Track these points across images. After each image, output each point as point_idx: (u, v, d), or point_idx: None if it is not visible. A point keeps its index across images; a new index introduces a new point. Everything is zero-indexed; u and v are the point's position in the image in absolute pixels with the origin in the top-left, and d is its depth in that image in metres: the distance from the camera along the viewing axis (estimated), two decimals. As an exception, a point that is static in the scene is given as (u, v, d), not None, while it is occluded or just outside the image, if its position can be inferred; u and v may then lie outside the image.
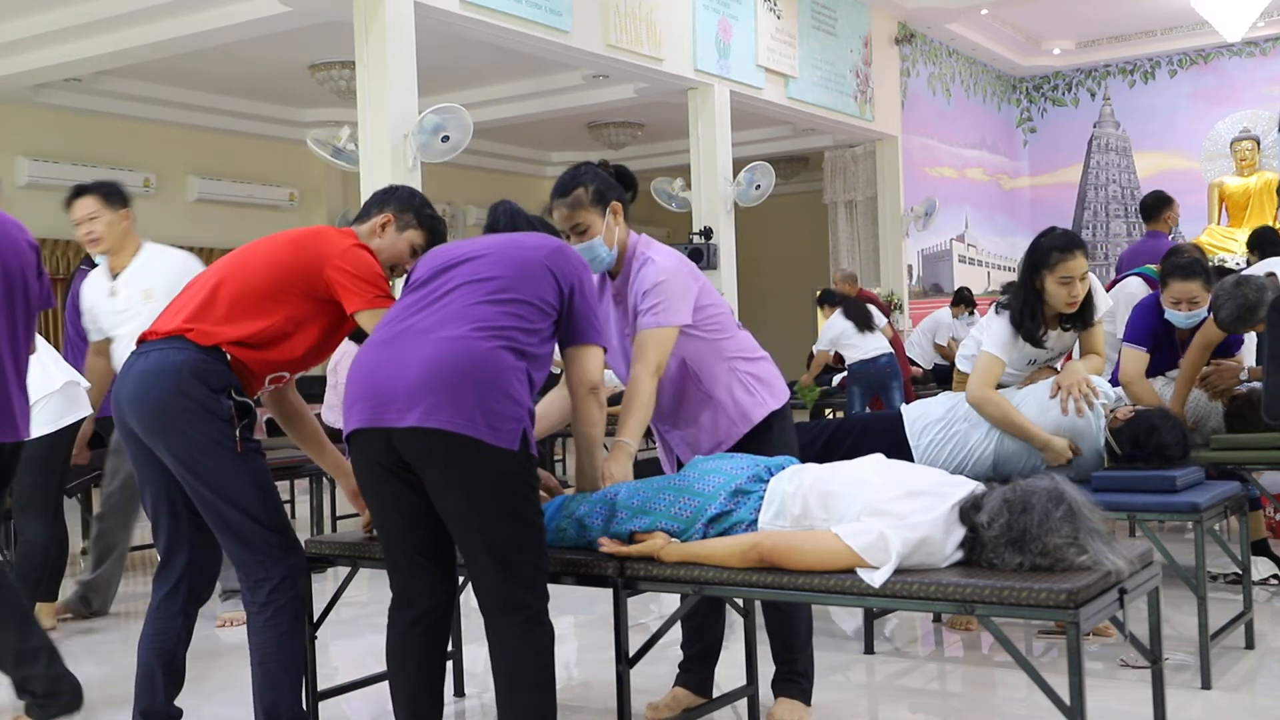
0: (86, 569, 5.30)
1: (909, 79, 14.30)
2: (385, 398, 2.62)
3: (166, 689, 3.10)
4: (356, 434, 2.69)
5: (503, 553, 2.64)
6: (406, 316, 2.74)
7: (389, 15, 7.60)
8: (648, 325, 3.15)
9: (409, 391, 2.59)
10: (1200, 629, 3.67)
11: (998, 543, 2.58)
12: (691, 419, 3.35)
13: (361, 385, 2.68)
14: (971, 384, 4.04)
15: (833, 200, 14.85)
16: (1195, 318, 4.69)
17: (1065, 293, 4.02)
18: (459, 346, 2.61)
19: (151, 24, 8.69)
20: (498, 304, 2.69)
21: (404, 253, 3.18)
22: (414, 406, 2.57)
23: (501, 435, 2.58)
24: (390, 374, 2.63)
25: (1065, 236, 4.07)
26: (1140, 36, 15.82)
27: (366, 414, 2.65)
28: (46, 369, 4.73)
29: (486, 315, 2.67)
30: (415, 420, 2.57)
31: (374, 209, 3.21)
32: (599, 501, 2.95)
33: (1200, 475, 3.99)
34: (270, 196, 12.91)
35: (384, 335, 2.74)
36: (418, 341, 2.65)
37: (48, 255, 11.03)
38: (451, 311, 2.68)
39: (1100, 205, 16.62)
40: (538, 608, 2.69)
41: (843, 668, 4.09)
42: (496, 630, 2.69)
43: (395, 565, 2.81)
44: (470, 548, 2.67)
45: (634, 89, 11.07)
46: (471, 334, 2.63)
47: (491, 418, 2.57)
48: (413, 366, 2.61)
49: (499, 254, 2.81)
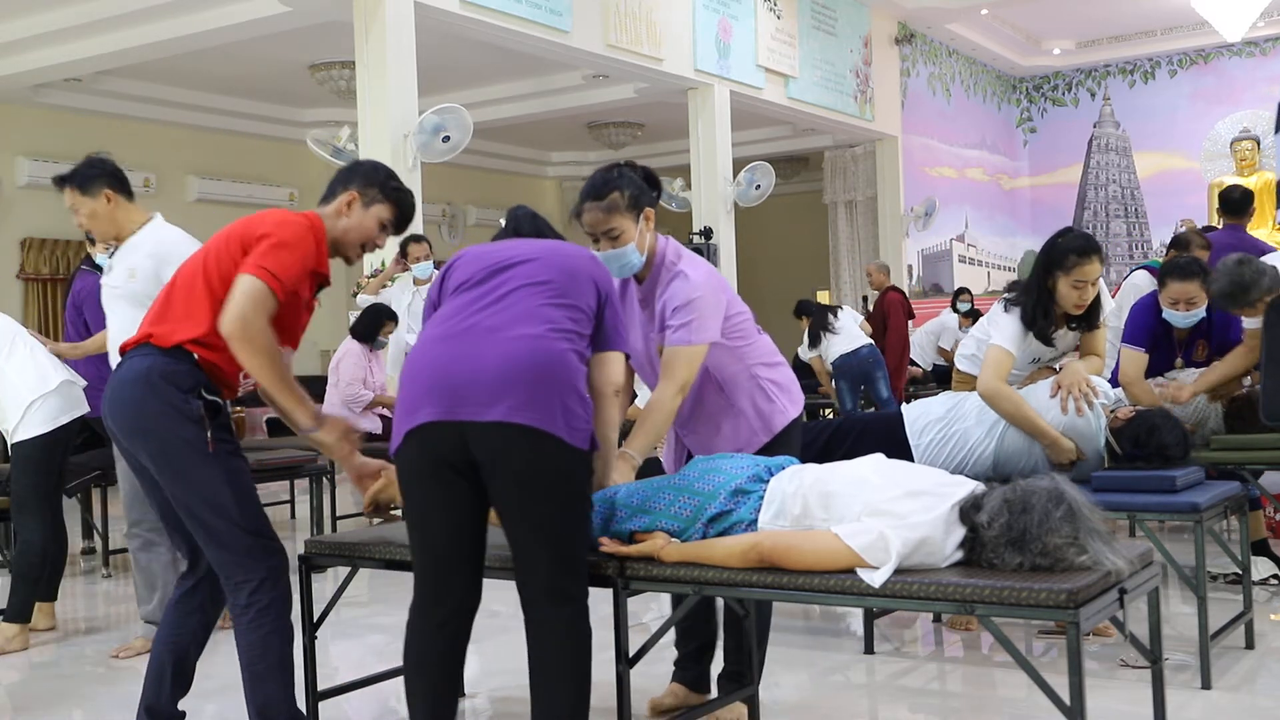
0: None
1: (909, 79, 14.31)
2: (463, 392, 2.60)
3: (173, 689, 3.10)
4: (425, 428, 2.64)
5: (562, 547, 2.68)
6: (469, 315, 2.72)
7: (389, 15, 7.60)
8: (679, 342, 3.11)
9: (491, 386, 2.58)
10: (1200, 629, 3.66)
11: (998, 543, 2.58)
12: (713, 427, 3.34)
13: (432, 380, 2.65)
14: (984, 377, 4.00)
15: (833, 200, 14.86)
16: (1193, 317, 4.69)
17: (1076, 295, 4.00)
18: (537, 345, 2.63)
19: (151, 24, 8.70)
20: (560, 308, 2.72)
21: (372, 229, 3.10)
22: (498, 401, 2.57)
23: (577, 434, 2.64)
24: (466, 369, 2.62)
25: (1084, 240, 4.03)
26: (1140, 36, 15.83)
27: (442, 408, 2.61)
28: (43, 369, 4.73)
29: (554, 318, 2.70)
30: (501, 415, 2.57)
31: (338, 187, 3.11)
32: (599, 501, 2.95)
33: (1200, 475, 3.99)
34: (270, 196, 12.91)
35: (444, 331, 2.71)
36: (491, 338, 2.65)
37: (48, 255, 11.03)
38: (520, 311, 2.69)
39: (1100, 205, 16.63)
40: (584, 601, 2.73)
41: (843, 668, 4.09)
42: (546, 622, 2.69)
43: (433, 564, 2.75)
44: (530, 541, 2.67)
45: (634, 89, 11.08)
46: (548, 334, 2.66)
47: (570, 417, 2.62)
48: (490, 362, 2.61)
49: (549, 259, 2.81)
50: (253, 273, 2.85)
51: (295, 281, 2.92)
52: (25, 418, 4.67)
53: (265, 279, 2.85)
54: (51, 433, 4.72)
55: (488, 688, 3.94)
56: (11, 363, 4.68)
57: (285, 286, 2.89)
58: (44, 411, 4.68)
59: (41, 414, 4.67)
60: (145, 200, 11.75)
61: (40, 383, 4.67)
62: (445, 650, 2.77)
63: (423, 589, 2.78)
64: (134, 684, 4.07)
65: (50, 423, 4.70)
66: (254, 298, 2.84)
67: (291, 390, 2.95)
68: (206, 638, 3.16)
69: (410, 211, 3.18)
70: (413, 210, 3.20)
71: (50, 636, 4.88)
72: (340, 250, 3.12)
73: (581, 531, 2.75)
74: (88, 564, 6.57)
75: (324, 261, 3.04)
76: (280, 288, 2.88)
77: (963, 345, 4.67)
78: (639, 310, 3.29)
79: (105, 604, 5.64)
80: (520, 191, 15.70)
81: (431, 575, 2.77)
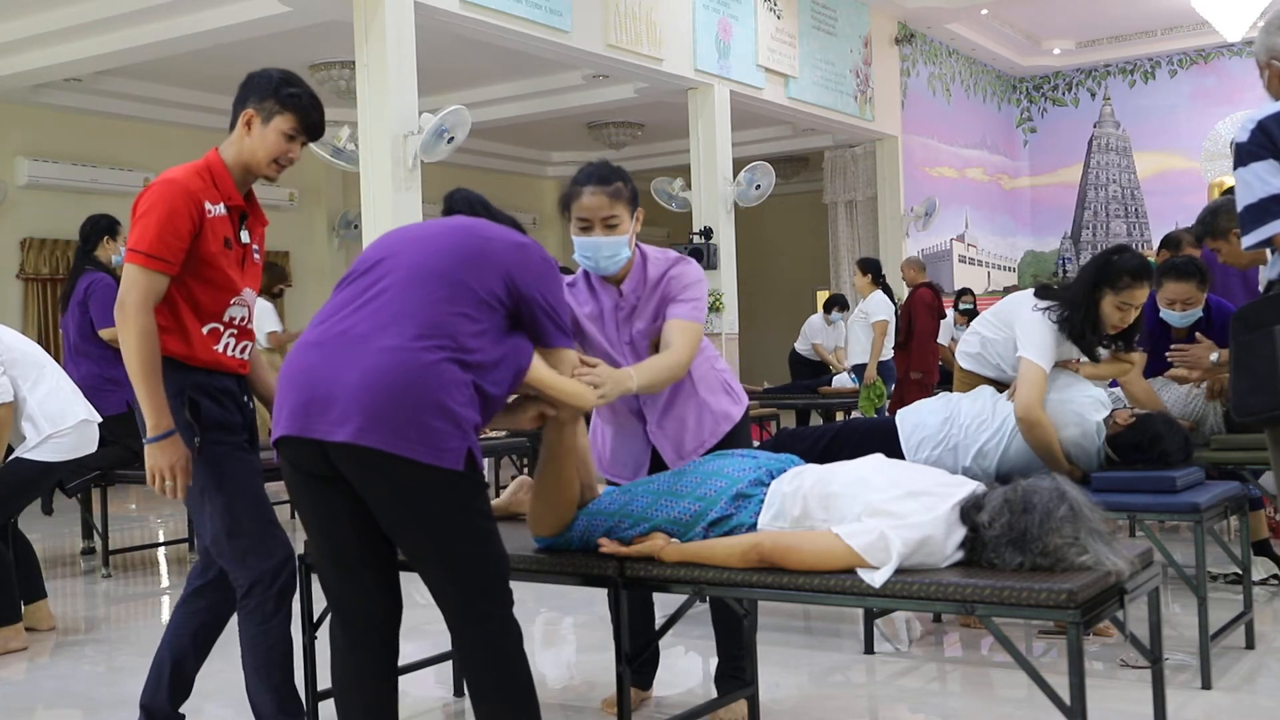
0: None
1: (909, 79, 14.30)
2: (319, 406, 2.42)
3: (170, 692, 3.10)
4: (285, 440, 2.49)
5: (457, 570, 2.49)
6: (342, 317, 2.51)
7: (389, 15, 7.60)
8: (691, 317, 3.12)
9: (345, 403, 2.38)
10: (1200, 629, 3.66)
11: (999, 542, 2.58)
12: (679, 418, 3.35)
13: (292, 389, 2.48)
14: (1024, 399, 3.85)
15: (833, 200, 14.85)
16: (1190, 317, 4.69)
17: (1119, 316, 3.95)
18: (400, 359, 2.39)
19: (151, 24, 8.69)
20: (443, 304, 2.46)
21: (278, 144, 2.96)
22: (348, 420, 2.37)
23: (445, 455, 2.40)
24: (324, 379, 2.43)
25: (1139, 262, 3.96)
26: (1140, 36, 15.82)
27: (297, 421, 2.45)
28: (65, 404, 4.79)
29: (428, 319, 2.44)
30: (347, 436, 2.37)
31: (236, 108, 2.97)
32: (600, 511, 2.95)
33: (1200, 475, 3.99)
34: (270, 196, 12.90)
35: (317, 336, 2.52)
36: (356, 349, 2.43)
37: (48, 255, 11.03)
38: (390, 314, 2.46)
39: (1100, 205, 16.62)
40: (502, 616, 2.53)
41: (843, 668, 4.09)
42: (463, 643, 2.55)
43: (332, 579, 2.60)
44: (422, 565, 2.53)
45: (634, 89, 11.08)
46: (413, 344, 2.41)
47: (433, 437, 2.38)
48: (350, 376, 2.40)
49: (445, 241, 2.58)
50: (125, 259, 2.88)
51: (164, 243, 2.83)
52: (39, 446, 4.73)
53: (131, 259, 2.84)
54: (55, 463, 4.79)
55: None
56: (36, 394, 4.73)
57: (156, 253, 2.83)
58: (56, 444, 4.76)
59: (53, 445, 4.75)
60: (145, 200, 11.77)
61: (60, 417, 4.75)
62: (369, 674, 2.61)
63: (331, 607, 2.65)
64: (134, 684, 4.07)
65: (57, 454, 4.77)
66: (126, 281, 2.85)
67: (150, 384, 2.83)
68: (209, 644, 3.14)
69: (314, 115, 2.99)
70: (318, 113, 3.01)
71: (50, 636, 4.89)
72: (255, 172, 3.02)
73: (480, 550, 2.51)
74: (88, 564, 6.57)
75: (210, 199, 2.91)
76: (148, 259, 2.82)
77: (964, 343, 4.58)
78: (610, 316, 3.23)
79: (105, 604, 5.64)
80: (520, 191, 15.70)
81: (333, 590, 2.61)
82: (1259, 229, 2.61)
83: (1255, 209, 2.61)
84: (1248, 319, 2.70)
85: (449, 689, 3.90)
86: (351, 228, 13.08)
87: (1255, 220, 2.61)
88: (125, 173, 11.45)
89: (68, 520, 7.58)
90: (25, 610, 4.85)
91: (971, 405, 4.01)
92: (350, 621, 2.60)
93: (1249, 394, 2.66)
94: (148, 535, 7.90)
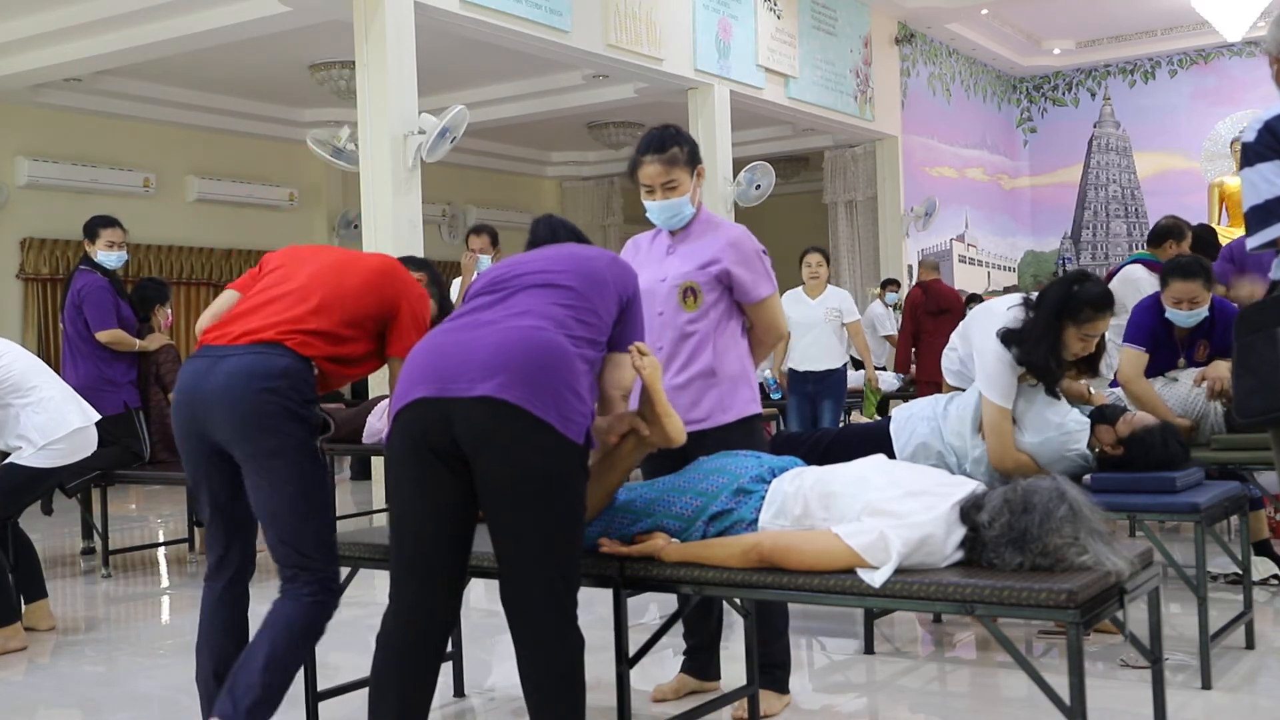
0: None
1: (909, 79, 14.30)
2: (454, 372, 2.50)
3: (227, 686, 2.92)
4: (410, 408, 2.53)
5: (548, 550, 2.50)
6: (472, 313, 2.66)
7: (389, 15, 7.60)
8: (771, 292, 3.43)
9: (486, 363, 2.48)
10: (1200, 629, 3.66)
11: (998, 542, 2.58)
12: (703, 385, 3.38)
13: (426, 365, 2.56)
14: (995, 451, 3.77)
15: (833, 200, 14.85)
16: (1195, 317, 4.69)
17: (1081, 346, 3.81)
18: (534, 334, 2.54)
19: (151, 24, 8.69)
20: (571, 310, 2.62)
21: None
22: (491, 377, 2.46)
23: (571, 426, 2.49)
24: (460, 353, 2.53)
25: (1101, 293, 3.81)
26: (1140, 36, 15.82)
27: (432, 384, 2.51)
28: (61, 414, 4.79)
29: (562, 318, 2.60)
30: (489, 390, 2.44)
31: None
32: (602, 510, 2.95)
33: (1200, 475, 3.98)
34: (270, 196, 12.91)
35: (446, 326, 2.67)
36: (490, 326, 2.58)
37: (47, 255, 11.03)
38: (522, 308, 2.61)
39: (1100, 205, 16.63)
40: (573, 613, 2.55)
41: (843, 668, 4.09)
42: (531, 631, 2.53)
43: (405, 569, 2.59)
44: (512, 538, 2.51)
45: (634, 89, 11.07)
46: (546, 325, 2.56)
47: (564, 406, 2.49)
48: (485, 345, 2.52)
49: (566, 264, 2.74)
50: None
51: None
52: (34, 454, 4.74)
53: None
54: (48, 469, 4.80)
55: (487, 687, 3.94)
56: (30, 405, 4.72)
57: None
58: (50, 451, 4.76)
59: (48, 453, 4.75)
60: (145, 200, 11.78)
61: (55, 427, 4.74)
62: (406, 675, 2.58)
63: (395, 600, 2.63)
64: (134, 684, 4.08)
65: (51, 460, 4.78)
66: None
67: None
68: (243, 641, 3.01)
69: None
70: None
71: (50, 636, 4.88)
72: None
73: (575, 539, 2.56)
74: (88, 564, 6.57)
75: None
76: None
77: (946, 359, 4.50)
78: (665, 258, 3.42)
79: (105, 604, 5.64)
80: (520, 191, 15.70)
81: (405, 593, 2.60)
82: (1264, 230, 2.61)
83: (1261, 210, 2.60)
84: (1250, 321, 2.70)
85: (449, 689, 3.90)
86: (351, 228, 13.08)
87: (1261, 222, 2.61)
88: (125, 173, 11.45)
89: (68, 520, 7.57)
90: (25, 610, 4.85)
91: (956, 411, 3.96)
92: (410, 624, 2.60)
93: (1251, 395, 2.66)
94: (148, 535, 7.90)
